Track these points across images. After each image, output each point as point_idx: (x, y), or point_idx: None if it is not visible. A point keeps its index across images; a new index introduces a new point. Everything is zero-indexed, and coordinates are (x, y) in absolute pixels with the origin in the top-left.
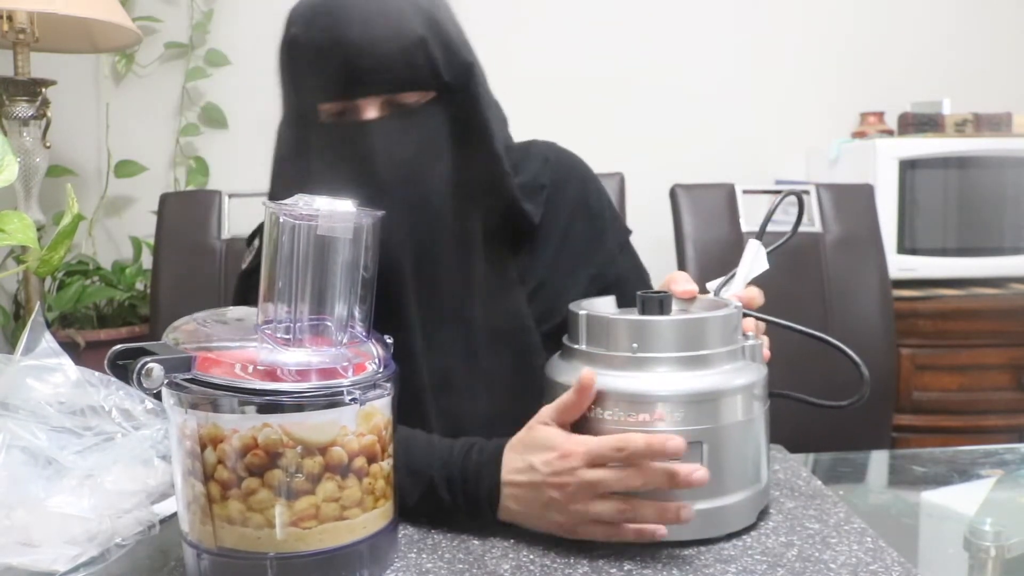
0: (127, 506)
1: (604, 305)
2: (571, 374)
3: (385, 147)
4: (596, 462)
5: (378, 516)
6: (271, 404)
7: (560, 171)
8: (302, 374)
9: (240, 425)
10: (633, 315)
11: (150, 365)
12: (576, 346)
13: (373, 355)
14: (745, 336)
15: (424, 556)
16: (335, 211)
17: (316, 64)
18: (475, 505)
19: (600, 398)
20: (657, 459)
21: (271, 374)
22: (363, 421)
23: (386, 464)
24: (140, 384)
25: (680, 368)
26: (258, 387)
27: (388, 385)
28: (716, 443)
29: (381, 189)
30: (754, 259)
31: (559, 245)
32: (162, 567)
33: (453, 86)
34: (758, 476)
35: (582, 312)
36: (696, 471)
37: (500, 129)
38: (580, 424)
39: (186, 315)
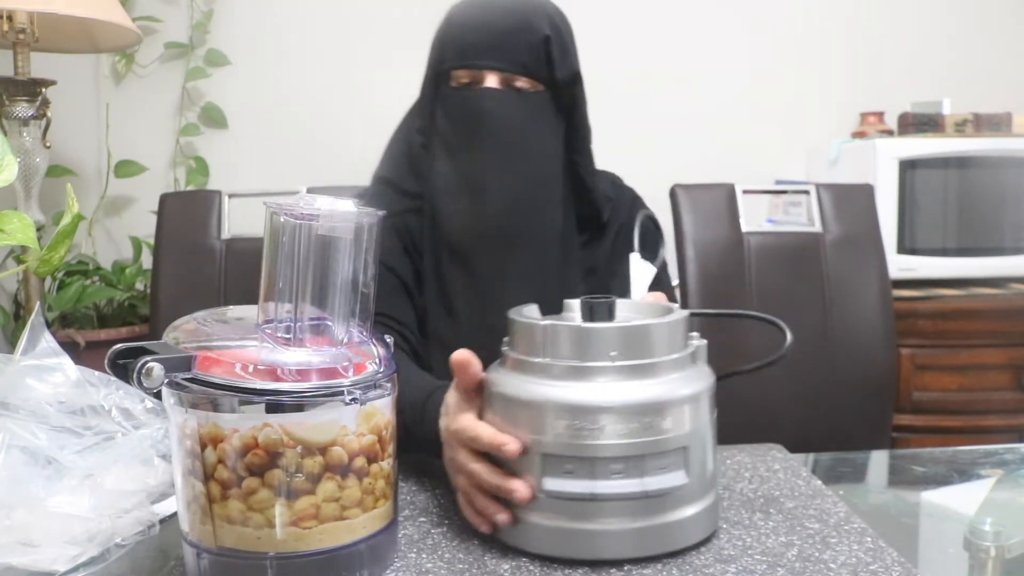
0: (127, 506)
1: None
2: (508, 384)
3: (498, 110)
4: (460, 443)
5: (378, 516)
6: (271, 404)
7: (620, 192)
8: (302, 374)
9: (240, 425)
10: (574, 322)
11: (150, 364)
12: (513, 354)
13: (373, 355)
14: (690, 337)
15: (424, 556)
16: (335, 211)
17: (461, 37)
18: (430, 442)
19: (540, 410)
20: (496, 453)
21: (271, 373)
22: (363, 421)
23: (386, 464)
24: (140, 383)
25: (625, 377)
26: (258, 387)
27: (388, 385)
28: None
29: (490, 145)
30: (640, 269)
31: (611, 244)
32: (162, 567)
33: (561, 85)
34: (710, 485)
35: (520, 319)
36: (516, 491)
37: (587, 138)
38: (525, 431)
39: (186, 315)
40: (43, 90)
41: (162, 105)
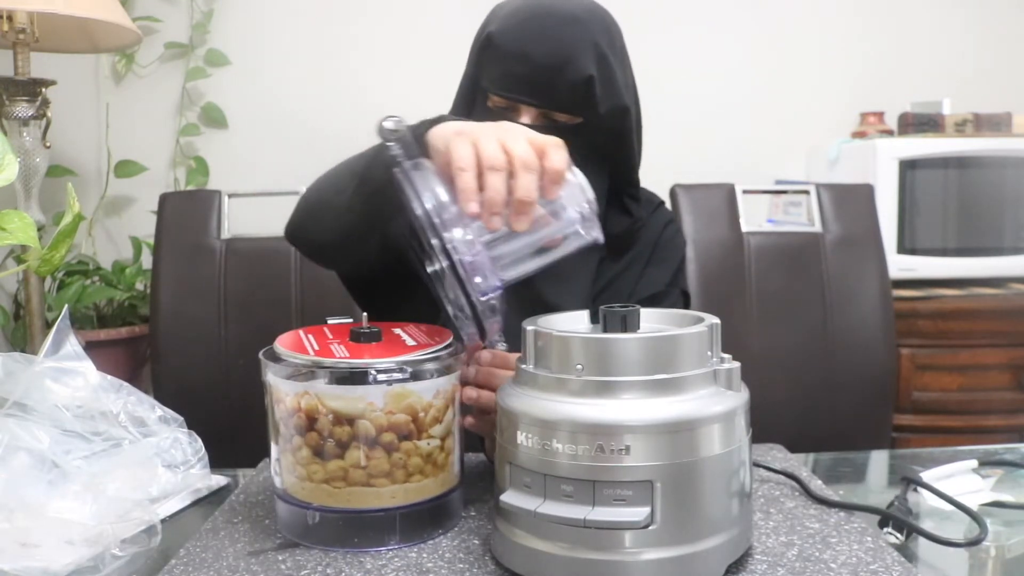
0: (128, 512)
1: (569, 321)
2: (520, 399)
3: None
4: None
5: (411, 491)
6: (310, 375)
7: (657, 214)
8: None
9: (290, 390)
10: (590, 332)
11: (393, 123)
12: (525, 367)
13: (430, 340)
14: (721, 359)
15: (424, 556)
16: None
17: (501, 63)
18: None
19: (551, 427)
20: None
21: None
22: (393, 400)
23: (425, 444)
24: (384, 132)
25: (648, 394)
26: (298, 359)
27: (409, 370)
28: (688, 480)
29: None
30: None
31: (628, 261)
32: (160, 567)
33: (605, 121)
34: (739, 517)
35: (531, 328)
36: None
37: (636, 165)
38: (532, 456)
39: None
40: (43, 90)
41: (162, 105)
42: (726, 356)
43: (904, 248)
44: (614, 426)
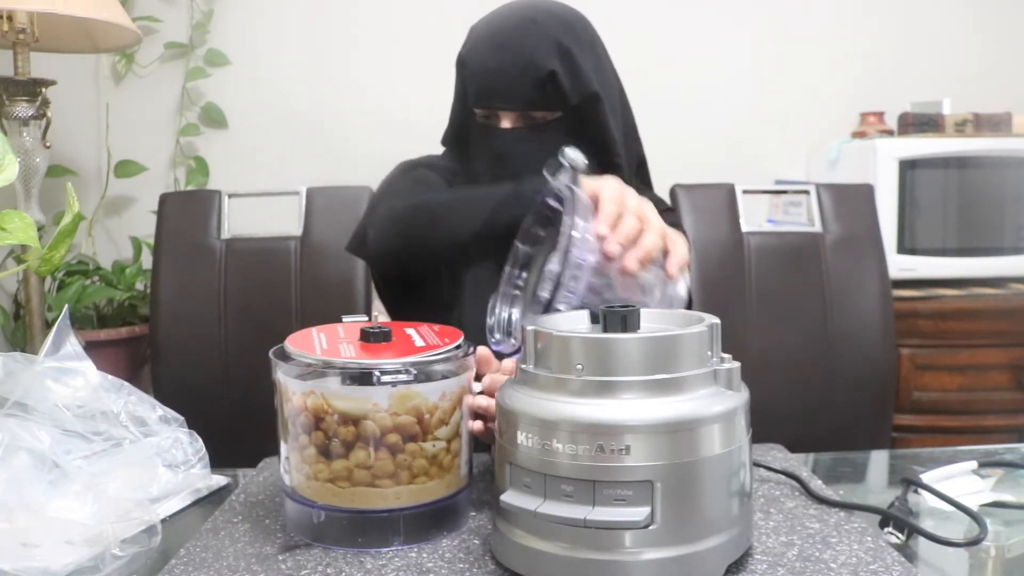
0: (128, 512)
1: (569, 321)
2: (520, 399)
3: (512, 150)
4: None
5: (416, 492)
6: (317, 374)
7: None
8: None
9: (297, 388)
10: (590, 332)
11: (573, 157)
12: (525, 367)
13: (440, 342)
14: (721, 359)
15: (424, 556)
16: None
17: (474, 79)
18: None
19: (551, 427)
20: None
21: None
22: (397, 402)
23: (430, 446)
24: (561, 161)
25: (648, 394)
26: (304, 358)
27: (414, 372)
28: (688, 480)
29: (503, 179)
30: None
31: None
32: (160, 567)
33: (579, 110)
34: (739, 517)
35: (531, 328)
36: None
37: (624, 148)
38: (532, 456)
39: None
40: (43, 90)
41: (162, 105)
42: (726, 356)
43: (904, 248)
44: (614, 426)
